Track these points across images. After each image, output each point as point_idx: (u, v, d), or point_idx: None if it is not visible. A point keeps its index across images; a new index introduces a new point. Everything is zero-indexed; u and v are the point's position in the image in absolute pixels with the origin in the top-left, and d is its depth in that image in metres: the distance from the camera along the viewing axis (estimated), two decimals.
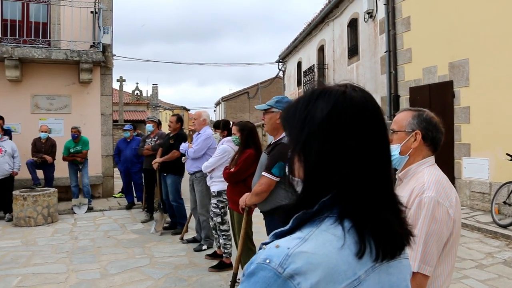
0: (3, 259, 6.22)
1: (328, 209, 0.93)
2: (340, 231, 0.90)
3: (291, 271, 0.83)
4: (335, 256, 0.86)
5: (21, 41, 10.57)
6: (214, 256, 6.04)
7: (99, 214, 9.40)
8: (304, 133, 0.95)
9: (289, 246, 0.86)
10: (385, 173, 0.98)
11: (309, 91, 1.00)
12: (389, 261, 0.95)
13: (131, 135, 9.99)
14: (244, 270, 0.89)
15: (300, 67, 20.72)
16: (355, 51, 14.10)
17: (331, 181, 0.93)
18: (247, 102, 38.38)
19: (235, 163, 4.91)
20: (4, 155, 8.63)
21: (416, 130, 2.01)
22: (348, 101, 0.95)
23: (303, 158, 0.96)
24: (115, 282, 5.23)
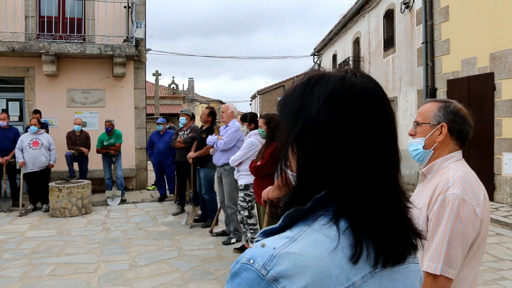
0: (38, 248, 6.40)
1: (323, 206, 0.84)
2: (334, 232, 0.81)
3: (275, 274, 0.76)
4: (326, 259, 0.78)
5: (57, 37, 10.82)
6: (242, 250, 6.01)
7: (132, 206, 9.55)
8: (298, 124, 0.87)
9: (276, 246, 0.79)
10: (389, 169, 0.88)
11: (306, 78, 0.91)
12: (393, 266, 0.85)
13: (164, 128, 10.08)
14: (230, 269, 0.82)
15: (335, 60, 20.45)
16: (391, 43, 13.77)
17: (326, 176, 0.84)
18: None
19: (261, 156, 4.85)
20: (40, 148, 8.87)
21: (442, 122, 1.87)
22: (346, 87, 0.86)
23: (296, 151, 0.87)
24: (142, 274, 5.28)
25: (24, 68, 10.78)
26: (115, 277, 5.17)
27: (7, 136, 9.08)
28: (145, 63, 11.56)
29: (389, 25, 13.96)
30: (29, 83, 10.83)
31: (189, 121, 8.60)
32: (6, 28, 10.33)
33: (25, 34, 10.63)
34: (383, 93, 0.90)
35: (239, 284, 0.78)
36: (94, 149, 9.73)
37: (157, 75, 24.63)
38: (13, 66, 10.71)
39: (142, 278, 5.13)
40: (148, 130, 12.34)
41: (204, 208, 7.66)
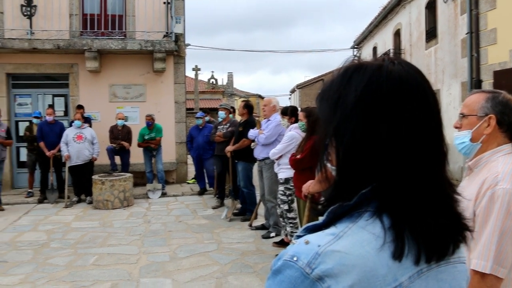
0: (83, 239, 6.60)
1: (367, 202, 0.81)
2: (379, 229, 0.78)
3: (320, 272, 0.73)
4: (372, 258, 0.75)
5: (100, 34, 11.06)
6: (281, 244, 6.00)
7: (172, 199, 9.69)
8: (336, 117, 0.83)
9: (320, 243, 0.76)
10: (434, 160, 0.84)
11: (343, 69, 0.88)
12: (440, 265, 0.82)
13: (203, 122, 10.16)
14: (272, 265, 0.80)
15: (375, 53, 20.07)
16: (433, 34, 13.38)
17: (367, 170, 0.80)
18: None
19: (301, 149, 4.81)
20: (84, 142, 9.13)
21: (490, 114, 1.77)
22: (384, 76, 0.82)
23: (335, 144, 0.84)
24: (182, 266, 5.35)
25: (69, 65, 11.09)
26: (156, 268, 5.26)
27: (53, 131, 9.38)
28: (185, 58, 11.69)
29: (431, 15, 13.56)
30: (73, 79, 11.14)
31: (228, 115, 8.64)
32: (52, 26, 10.64)
33: (69, 31, 10.93)
34: (424, 81, 0.86)
35: (281, 282, 0.76)
36: (136, 143, 9.92)
37: (196, 70, 24.88)
38: (58, 63, 11.04)
39: (182, 270, 5.19)
40: (188, 124, 12.47)
41: (243, 201, 7.69)
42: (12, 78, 11.16)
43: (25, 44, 10.34)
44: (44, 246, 6.29)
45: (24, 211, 8.61)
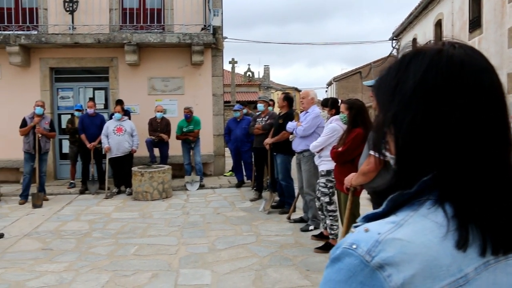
0: (123, 229, 6.70)
1: (429, 190, 0.77)
2: (441, 218, 0.74)
3: (380, 260, 0.70)
4: (435, 247, 0.71)
5: (139, 28, 11.19)
6: (320, 237, 5.92)
7: (210, 191, 9.73)
8: (394, 104, 0.80)
9: (380, 231, 0.74)
10: (499, 146, 0.78)
11: (401, 56, 0.85)
12: (508, 258, 0.76)
13: (241, 115, 10.15)
14: (330, 254, 0.77)
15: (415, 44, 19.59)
16: (478, 23, 12.91)
17: (428, 158, 0.77)
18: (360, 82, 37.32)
19: (343, 142, 4.71)
20: (124, 134, 9.27)
21: None
22: (444, 60, 0.78)
23: (394, 132, 0.81)
24: (221, 257, 5.34)
25: (109, 58, 11.27)
26: (195, 259, 5.28)
27: (94, 123, 9.57)
28: (222, 50, 11.69)
29: (476, 4, 13.08)
30: (113, 73, 11.33)
31: (266, 108, 8.59)
32: (92, 21, 10.83)
33: (109, 26, 11.11)
34: (487, 64, 0.80)
35: (340, 270, 0.73)
36: (174, 136, 10.00)
37: (233, 63, 24.95)
38: (99, 57, 11.24)
39: (221, 262, 5.19)
40: (225, 117, 12.50)
41: (281, 194, 7.63)
42: (55, 72, 11.45)
43: (67, 39, 10.56)
44: (86, 235, 6.42)
45: (66, 201, 8.83)
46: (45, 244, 6.01)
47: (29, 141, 8.71)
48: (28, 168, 8.81)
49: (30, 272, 4.95)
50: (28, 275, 4.87)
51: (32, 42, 10.59)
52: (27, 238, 6.36)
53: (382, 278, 0.70)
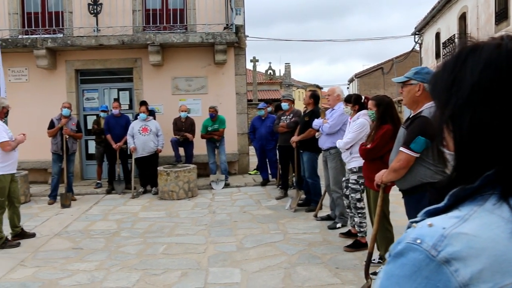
0: (151, 228, 6.75)
1: (492, 185, 0.76)
2: (508, 213, 0.73)
3: (447, 255, 0.70)
4: (503, 242, 0.70)
5: (162, 28, 11.27)
6: (348, 235, 5.88)
7: (235, 190, 9.74)
8: (452, 101, 0.79)
9: (445, 225, 0.73)
10: None
11: (457, 51, 0.83)
12: None
13: (265, 113, 10.13)
14: (390, 250, 0.77)
15: (438, 39, 19.33)
16: (504, 15, 12.66)
17: (490, 153, 0.76)
18: (382, 78, 37.02)
19: (371, 139, 4.65)
20: (149, 134, 9.35)
21: None
22: (503, 55, 0.77)
23: (453, 129, 0.80)
24: (250, 256, 5.34)
25: (133, 59, 11.38)
26: (223, 258, 5.28)
27: (119, 124, 9.68)
28: (245, 49, 11.70)
29: None
30: (137, 73, 11.43)
31: (291, 106, 8.57)
32: (116, 22, 10.95)
33: (132, 27, 11.22)
34: None
35: (404, 265, 0.72)
36: (199, 135, 10.04)
37: (254, 61, 25.00)
38: (123, 58, 11.36)
39: (250, 260, 5.18)
40: (248, 116, 12.50)
41: (308, 192, 7.59)
42: (80, 74, 11.62)
43: (92, 41, 10.69)
44: (115, 234, 6.48)
45: (94, 201, 8.95)
46: (75, 244, 6.10)
47: (57, 142, 8.85)
48: (56, 169, 8.95)
49: (62, 271, 5.02)
50: (60, 273, 4.95)
51: (58, 45, 10.76)
52: (57, 237, 6.46)
53: (449, 273, 0.69)
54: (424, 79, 3.38)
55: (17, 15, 11.39)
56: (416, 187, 3.44)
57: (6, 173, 6.00)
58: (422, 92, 3.38)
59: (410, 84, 3.45)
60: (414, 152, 3.34)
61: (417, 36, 22.88)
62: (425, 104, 3.38)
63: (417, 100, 3.43)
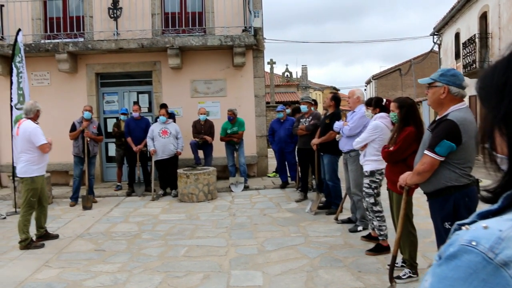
0: (172, 231, 6.78)
1: None
2: None
3: (505, 258, 0.68)
4: None
5: (180, 31, 11.34)
6: (369, 238, 5.84)
7: (255, 193, 9.74)
8: (504, 103, 0.77)
9: (502, 228, 0.71)
10: None
11: (509, 52, 0.81)
12: None
13: (284, 115, 10.12)
14: (441, 252, 0.76)
15: (458, 39, 19.08)
16: None
17: None
18: (399, 80, 36.76)
19: (394, 141, 4.60)
20: (169, 137, 9.40)
21: None
22: None
23: (506, 132, 0.78)
24: (271, 259, 5.33)
25: (152, 63, 11.47)
26: (245, 260, 5.28)
27: (139, 126, 9.76)
28: (263, 51, 11.70)
29: None
30: (156, 76, 11.52)
31: (310, 108, 8.55)
32: (136, 26, 11.06)
33: (152, 30, 11.30)
34: None
35: (458, 267, 0.71)
36: (218, 137, 10.07)
37: (271, 63, 25.00)
38: (142, 61, 11.46)
39: (271, 263, 5.17)
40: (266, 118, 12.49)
41: (328, 195, 7.56)
42: (100, 77, 11.74)
43: (112, 44, 10.80)
44: (136, 237, 6.53)
45: (114, 203, 9.03)
46: (97, 245, 6.16)
47: (78, 145, 8.97)
48: (78, 171, 9.06)
49: (86, 272, 5.08)
50: (84, 275, 5.00)
51: (79, 49, 10.89)
52: (80, 239, 6.53)
53: (508, 276, 0.67)
54: (449, 81, 3.34)
55: (40, 20, 11.57)
56: (441, 190, 3.40)
57: (40, 174, 6.20)
58: (447, 94, 3.34)
59: (435, 86, 3.41)
60: (439, 155, 3.30)
61: (435, 37, 22.65)
62: (451, 106, 3.34)
63: (442, 102, 3.39)
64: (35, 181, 6.13)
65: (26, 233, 6.04)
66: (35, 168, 6.15)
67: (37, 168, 6.17)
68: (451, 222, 3.26)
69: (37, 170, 6.17)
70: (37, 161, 6.16)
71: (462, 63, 17.24)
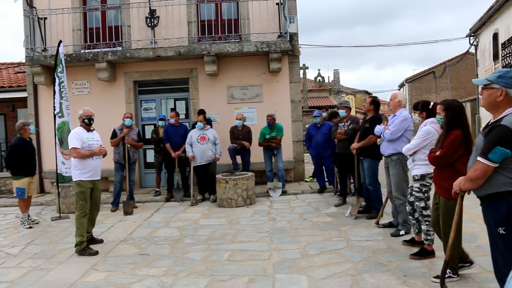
0: (213, 235, 6.84)
1: None
2: None
3: None
4: None
5: (216, 38, 11.47)
6: (412, 243, 5.74)
7: (293, 197, 9.73)
8: None
9: None
10: None
11: None
12: None
13: (321, 120, 10.09)
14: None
15: (496, 39, 18.61)
16: None
17: None
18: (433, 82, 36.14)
19: (440, 145, 4.51)
20: (207, 143, 9.50)
21: None
22: None
23: None
24: (315, 263, 5.30)
25: (188, 70, 11.64)
26: (289, 264, 5.27)
27: (177, 133, 9.90)
28: (299, 57, 11.72)
29: None
30: (193, 83, 11.67)
31: (349, 113, 8.50)
32: (173, 34, 11.26)
33: (188, 38, 11.47)
34: None
35: None
36: (255, 143, 10.11)
37: (304, 68, 25.00)
38: (179, 69, 11.64)
39: (315, 267, 5.15)
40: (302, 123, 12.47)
41: (368, 199, 7.48)
42: (138, 85, 11.98)
43: (149, 53, 11.02)
44: (178, 241, 6.61)
45: (154, 209, 9.17)
46: (141, 249, 6.26)
47: (119, 151, 9.17)
48: (119, 177, 9.26)
49: (132, 276, 5.16)
50: (130, 278, 5.09)
51: (118, 58, 11.17)
52: (123, 243, 6.65)
53: None
54: (507, 83, 3.22)
55: (80, 31, 11.92)
56: (494, 195, 3.29)
57: (85, 179, 6.33)
58: (504, 97, 3.23)
59: (491, 88, 3.30)
60: (492, 162, 3.20)
61: (472, 38, 22.16)
62: (506, 110, 3.23)
63: (497, 105, 3.28)
64: (80, 185, 6.29)
65: (80, 236, 6.16)
66: (77, 173, 6.31)
67: (79, 173, 6.31)
68: (505, 227, 3.17)
69: (80, 175, 6.31)
70: (79, 165, 6.31)
71: (501, 64, 16.79)
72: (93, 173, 6.45)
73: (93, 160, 6.41)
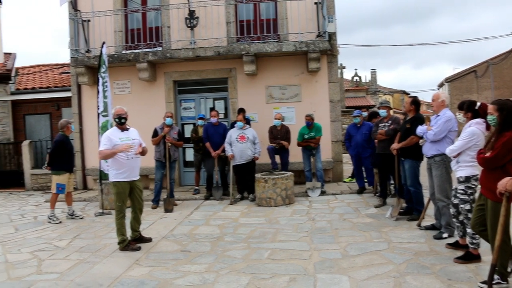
0: (253, 234, 6.89)
1: None
2: None
3: None
4: None
5: (255, 38, 11.52)
6: (455, 246, 5.61)
7: (332, 198, 9.69)
8: None
9: None
10: None
11: None
12: None
13: (361, 120, 10.01)
14: None
15: None
16: None
17: None
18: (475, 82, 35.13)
19: (491, 146, 4.37)
20: (246, 142, 9.57)
21: None
22: None
23: None
24: (356, 263, 5.27)
25: (227, 69, 11.74)
26: (329, 265, 5.26)
27: (217, 132, 10.01)
28: (337, 56, 11.64)
29: None
30: (231, 83, 11.77)
31: (389, 113, 8.40)
32: (212, 34, 11.38)
33: (227, 38, 11.57)
34: None
35: None
36: (294, 142, 10.11)
37: (341, 68, 24.84)
38: (218, 68, 11.76)
39: (356, 268, 5.12)
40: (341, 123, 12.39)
41: (409, 200, 7.37)
42: (177, 84, 12.17)
43: (189, 53, 11.18)
44: (219, 239, 6.69)
45: (194, 207, 9.31)
46: (182, 246, 6.37)
47: (160, 150, 9.35)
48: (159, 175, 9.44)
49: (175, 272, 5.27)
50: (173, 274, 5.19)
51: (158, 58, 11.38)
52: (165, 240, 6.79)
53: None
54: None
55: (122, 32, 12.20)
56: None
57: (121, 180, 6.32)
58: None
59: None
60: None
61: None
62: None
63: None
64: (116, 185, 6.32)
65: (120, 235, 6.30)
66: (114, 173, 6.33)
67: (116, 173, 6.31)
68: None
69: (116, 176, 6.29)
70: (115, 166, 6.31)
71: None
72: (129, 173, 6.36)
73: (128, 160, 6.31)
